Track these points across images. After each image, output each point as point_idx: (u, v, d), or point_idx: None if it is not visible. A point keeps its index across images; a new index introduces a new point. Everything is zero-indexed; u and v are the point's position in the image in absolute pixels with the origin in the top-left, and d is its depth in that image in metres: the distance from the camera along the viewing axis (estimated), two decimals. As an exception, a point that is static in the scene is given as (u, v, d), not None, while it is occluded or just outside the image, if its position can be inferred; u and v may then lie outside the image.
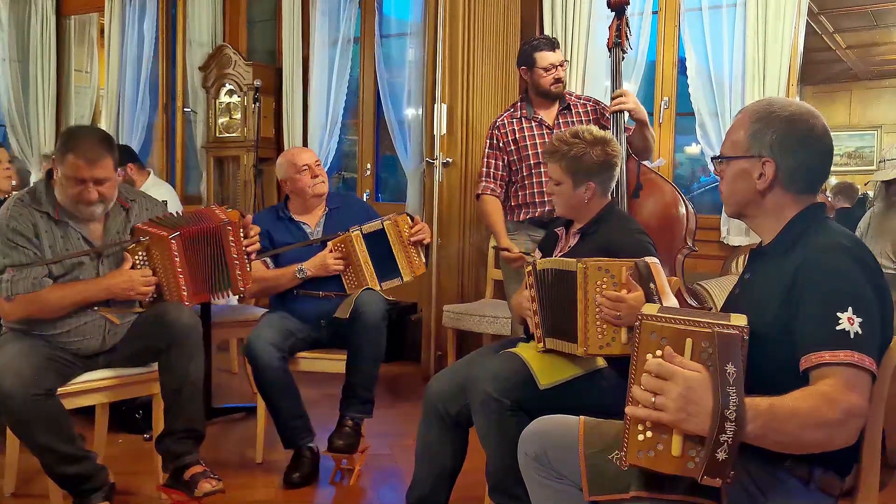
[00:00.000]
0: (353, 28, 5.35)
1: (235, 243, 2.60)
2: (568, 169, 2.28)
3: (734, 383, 1.24)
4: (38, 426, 2.26)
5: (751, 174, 1.54)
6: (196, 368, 2.51)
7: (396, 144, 5.02)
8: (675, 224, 3.18)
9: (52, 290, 2.39)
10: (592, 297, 1.97)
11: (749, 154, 1.53)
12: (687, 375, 1.27)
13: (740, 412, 1.23)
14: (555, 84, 3.30)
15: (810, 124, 1.51)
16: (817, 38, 6.99)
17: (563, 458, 1.58)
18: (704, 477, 1.26)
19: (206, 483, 2.41)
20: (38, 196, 2.46)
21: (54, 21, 6.49)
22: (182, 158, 6.13)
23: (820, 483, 1.45)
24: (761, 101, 1.59)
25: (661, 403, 1.29)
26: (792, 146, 1.50)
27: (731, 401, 1.23)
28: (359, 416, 2.91)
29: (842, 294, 1.36)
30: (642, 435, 1.34)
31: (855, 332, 1.33)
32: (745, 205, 1.58)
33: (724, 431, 1.23)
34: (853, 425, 1.29)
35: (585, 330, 1.99)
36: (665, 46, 4.38)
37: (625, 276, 1.95)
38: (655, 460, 1.33)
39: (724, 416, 1.23)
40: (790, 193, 1.53)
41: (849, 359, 1.31)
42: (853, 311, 1.34)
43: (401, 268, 3.02)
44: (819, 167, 1.53)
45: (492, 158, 3.37)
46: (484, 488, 2.32)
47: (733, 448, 1.24)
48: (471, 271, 4.43)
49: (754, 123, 1.53)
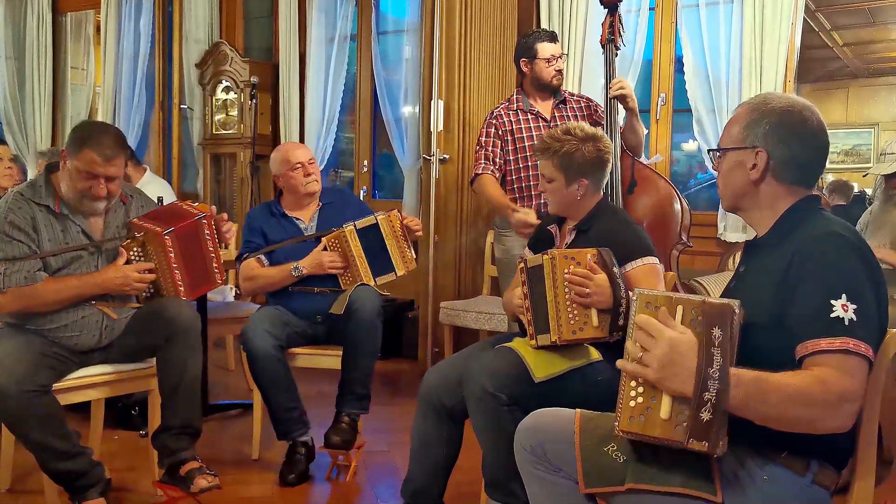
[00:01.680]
0: (350, 25, 5.35)
1: (210, 236, 2.61)
2: (560, 166, 2.28)
3: (719, 345, 1.28)
4: (33, 423, 2.25)
5: (745, 165, 1.55)
6: (195, 364, 2.51)
7: (393, 141, 5.02)
8: (670, 219, 3.19)
9: (46, 283, 2.38)
10: (561, 284, 2.04)
11: (744, 145, 1.55)
12: (672, 335, 1.33)
13: (723, 374, 1.27)
14: (556, 76, 3.31)
15: (804, 117, 1.52)
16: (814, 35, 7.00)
17: (559, 450, 1.58)
18: (691, 440, 1.30)
19: (203, 479, 2.40)
20: (38, 190, 2.45)
21: (50, 18, 6.48)
22: (179, 155, 6.12)
23: (816, 476, 1.45)
24: (759, 95, 1.62)
25: (646, 359, 1.34)
26: (784, 137, 1.51)
27: (714, 360, 1.28)
28: (355, 413, 2.91)
29: (835, 281, 1.37)
30: (633, 401, 1.39)
31: (849, 318, 1.34)
32: (739, 197, 1.59)
33: (707, 389, 1.27)
34: (846, 410, 1.30)
35: (557, 317, 2.04)
36: (662, 43, 4.38)
37: (589, 262, 2.03)
38: (645, 425, 1.37)
39: (707, 374, 1.27)
40: (783, 184, 1.54)
41: (844, 345, 1.32)
42: (847, 298, 1.35)
43: (394, 262, 3.02)
44: (812, 160, 1.54)
45: (488, 145, 3.35)
46: (480, 484, 2.32)
47: (718, 409, 1.26)
48: (467, 268, 4.44)
49: (750, 115, 1.55)
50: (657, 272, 2.23)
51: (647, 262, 2.22)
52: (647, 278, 2.18)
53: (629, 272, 2.18)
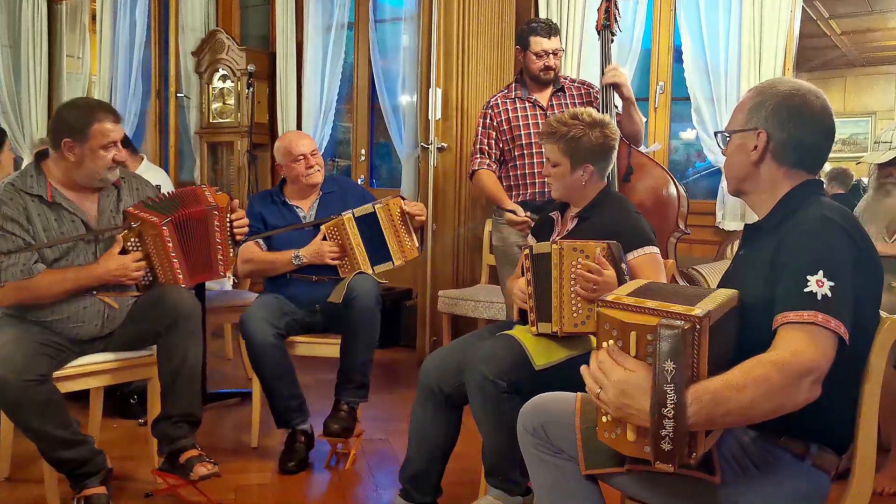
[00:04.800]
0: (348, 13, 5.32)
1: (220, 228, 2.60)
2: (566, 150, 2.27)
3: (672, 380, 1.26)
4: (33, 411, 2.25)
5: (747, 147, 1.56)
6: (195, 352, 2.51)
7: (391, 130, 5.01)
8: (667, 207, 3.19)
9: (43, 276, 2.37)
10: (568, 276, 2.02)
11: (747, 127, 1.56)
12: (619, 378, 1.32)
13: (679, 407, 1.25)
14: (544, 71, 3.29)
15: (807, 100, 1.53)
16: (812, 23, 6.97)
17: (560, 433, 1.59)
18: (657, 462, 1.30)
19: (202, 467, 2.40)
20: (29, 179, 2.43)
21: (45, 6, 6.42)
22: (175, 144, 6.09)
23: (815, 459, 1.46)
24: (769, 80, 1.64)
25: (603, 398, 1.35)
26: (784, 119, 1.52)
27: (668, 399, 1.26)
28: (354, 401, 2.92)
29: (814, 258, 1.37)
30: (605, 417, 1.40)
31: (823, 294, 1.33)
32: (742, 179, 1.60)
33: (663, 427, 1.27)
34: (806, 384, 1.29)
35: (560, 308, 2.05)
36: (660, 31, 4.37)
37: (598, 256, 2.01)
38: (617, 442, 1.39)
39: (661, 414, 1.26)
40: (783, 167, 1.54)
41: (812, 318, 1.32)
42: (824, 275, 1.35)
43: (392, 252, 3.02)
44: (813, 143, 1.54)
45: (485, 137, 3.35)
46: (479, 472, 2.33)
47: (678, 436, 1.26)
48: (466, 257, 4.44)
49: (755, 98, 1.57)
50: (658, 261, 2.23)
51: (648, 252, 2.22)
52: (648, 267, 2.19)
53: (631, 262, 2.18)
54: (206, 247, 2.60)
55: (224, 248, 2.63)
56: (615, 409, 1.34)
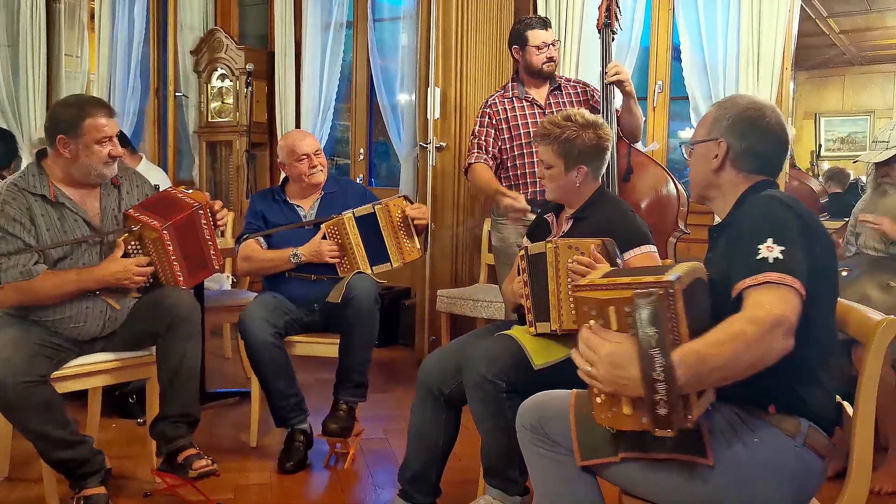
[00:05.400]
0: (346, 12, 5.32)
1: (207, 224, 2.61)
2: (559, 152, 2.28)
3: (657, 344, 1.30)
4: (31, 413, 2.25)
5: (709, 156, 1.68)
6: (193, 353, 2.51)
7: (389, 129, 5.01)
8: (667, 207, 3.19)
9: (45, 278, 2.36)
10: (564, 274, 2.03)
11: (709, 138, 1.68)
12: (608, 351, 1.38)
13: (668, 369, 1.30)
14: (547, 63, 3.28)
15: (763, 113, 1.67)
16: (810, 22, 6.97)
17: (556, 427, 1.64)
18: (656, 429, 1.35)
19: (201, 465, 2.41)
20: (31, 179, 2.43)
21: (44, 5, 6.41)
22: (174, 143, 6.10)
23: (806, 438, 1.49)
24: (729, 97, 1.79)
25: (594, 375, 1.40)
26: (743, 129, 1.64)
27: (655, 363, 1.30)
28: (353, 400, 2.92)
29: (761, 228, 1.46)
30: (599, 398, 1.45)
31: (774, 257, 1.41)
32: (705, 185, 1.72)
33: (657, 392, 1.31)
34: (779, 334, 1.35)
35: (559, 307, 2.05)
36: (659, 30, 4.37)
37: (593, 252, 2.03)
38: (615, 419, 1.43)
39: (652, 378, 1.31)
40: (742, 173, 1.67)
41: (766, 279, 1.39)
42: (773, 241, 1.43)
43: (390, 253, 3.01)
44: (769, 152, 1.66)
45: (482, 134, 3.31)
46: (478, 472, 2.33)
47: (672, 399, 1.31)
48: (464, 256, 4.44)
49: (716, 112, 1.70)
50: (655, 260, 2.24)
51: (645, 251, 2.22)
52: (644, 266, 2.19)
53: (628, 261, 2.18)
54: (200, 245, 2.60)
55: (214, 242, 2.63)
56: (609, 382, 1.38)
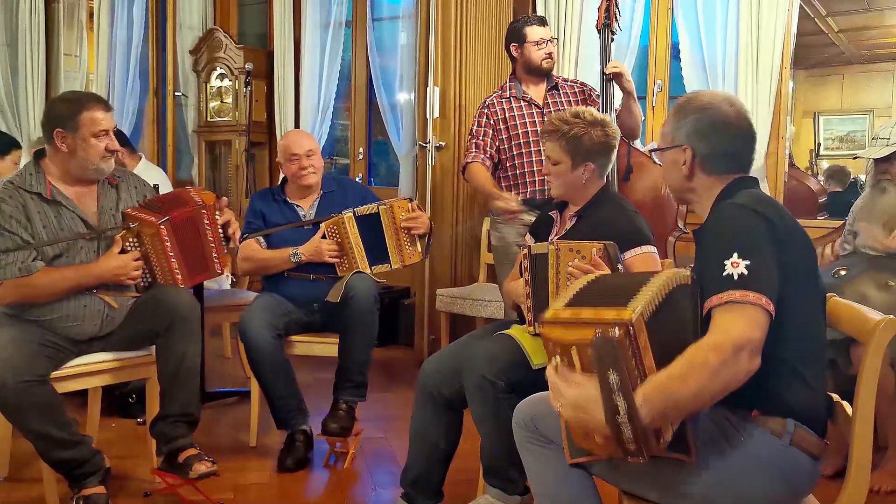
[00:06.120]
0: (345, 11, 5.32)
1: (211, 226, 2.60)
2: (567, 148, 2.28)
3: (618, 389, 1.30)
4: (31, 413, 2.25)
5: (678, 163, 1.66)
6: (194, 351, 2.51)
7: (389, 129, 5.01)
8: (667, 206, 3.19)
9: (42, 274, 2.36)
10: (564, 277, 2.03)
11: (673, 144, 1.66)
12: (573, 395, 1.38)
13: (632, 412, 1.30)
14: (546, 59, 3.27)
15: (721, 110, 1.62)
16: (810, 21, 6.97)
17: (548, 425, 1.65)
18: (629, 459, 1.37)
19: (201, 465, 2.41)
20: (28, 177, 2.44)
21: (43, 5, 6.41)
22: (173, 143, 6.10)
23: (793, 437, 1.48)
24: (685, 95, 1.74)
25: (563, 413, 1.42)
26: (705, 132, 1.62)
27: (619, 407, 1.31)
28: (352, 400, 2.92)
29: (726, 242, 1.45)
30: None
31: (739, 273, 1.40)
32: (681, 191, 1.71)
33: (622, 431, 1.32)
34: (744, 357, 1.34)
35: None
36: (658, 29, 4.37)
37: (594, 256, 2.02)
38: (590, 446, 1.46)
39: (616, 422, 1.32)
40: (712, 176, 1.64)
41: (730, 298, 1.38)
42: (738, 256, 1.41)
43: (391, 254, 3.00)
44: (736, 150, 1.64)
45: (479, 134, 3.30)
46: (478, 471, 2.33)
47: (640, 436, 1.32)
48: (464, 255, 4.44)
49: (675, 115, 1.68)
50: (655, 260, 2.24)
51: (645, 251, 2.23)
52: (644, 266, 2.19)
53: (627, 260, 2.19)
54: (201, 245, 2.60)
55: (217, 245, 2.62)
56: (576, 423, 1.41)
